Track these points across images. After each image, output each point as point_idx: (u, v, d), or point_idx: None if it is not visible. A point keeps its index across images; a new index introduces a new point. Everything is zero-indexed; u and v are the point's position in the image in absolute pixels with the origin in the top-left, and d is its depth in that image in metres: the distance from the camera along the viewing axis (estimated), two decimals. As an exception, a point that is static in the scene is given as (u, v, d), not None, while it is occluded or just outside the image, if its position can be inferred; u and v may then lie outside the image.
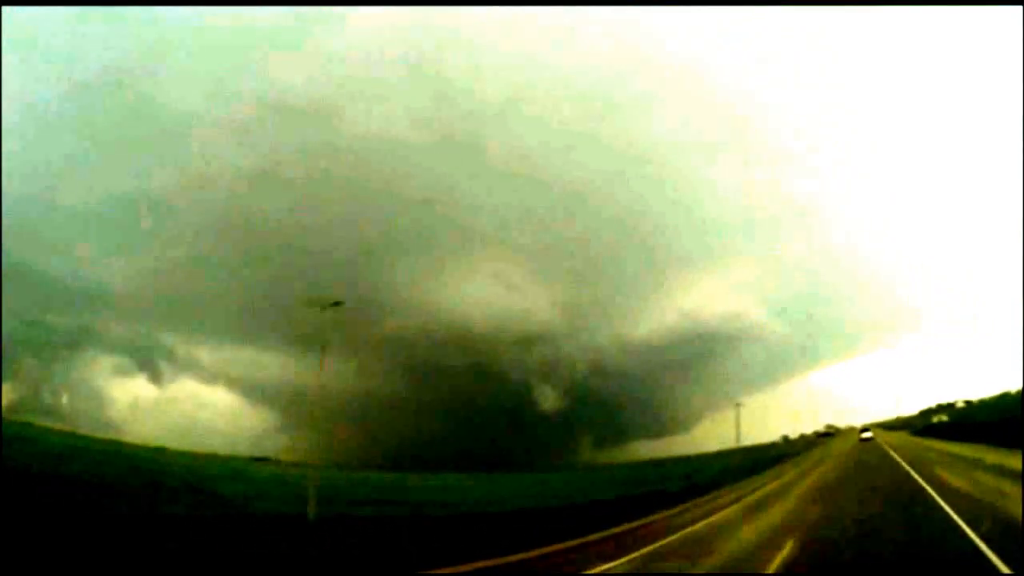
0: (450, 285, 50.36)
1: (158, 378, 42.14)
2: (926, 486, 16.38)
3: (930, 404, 74.94)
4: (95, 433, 31.48)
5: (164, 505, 15.90)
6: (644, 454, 52.94)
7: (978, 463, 23.05)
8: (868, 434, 60.91)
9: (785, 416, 63.71)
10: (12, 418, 27.38)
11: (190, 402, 43.01)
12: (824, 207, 64.38)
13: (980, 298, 65.83)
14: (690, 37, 54.30)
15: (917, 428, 66.05)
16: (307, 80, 45.51)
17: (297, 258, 46.00)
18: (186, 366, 43.46)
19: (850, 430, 73.11)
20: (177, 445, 34.68)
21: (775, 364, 58.45)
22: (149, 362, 42.09)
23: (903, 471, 22.32)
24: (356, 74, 47.23)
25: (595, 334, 53.80)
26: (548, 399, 48.84)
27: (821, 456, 42.45)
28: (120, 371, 41.41)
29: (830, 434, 75.07)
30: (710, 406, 54.09)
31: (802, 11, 52.98)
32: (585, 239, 54.06)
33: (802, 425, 70.11)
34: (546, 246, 54.13)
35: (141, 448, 29.69)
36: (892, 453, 34.54)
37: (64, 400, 38.04)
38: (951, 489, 15.41)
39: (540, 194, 52.21)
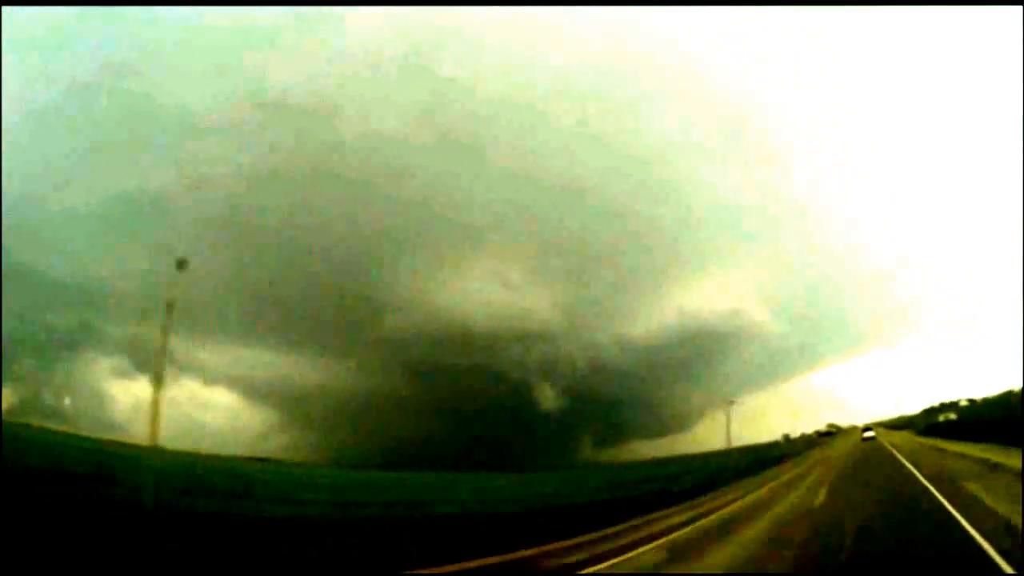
0: (449, 284, 50.44)
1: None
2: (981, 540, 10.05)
3: (932, 403, 74.71)
4: (94, 434, 31.51)
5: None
6: (645, 453, 52.83)
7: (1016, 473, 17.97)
8: (870, 433, 60.89)
9: (787, 415, 63.58)
10: (11, 419, 27.39)
11: (191, 403, 42.98)
12: (825, 206, 64.11)
13: (981, 297, 65.57)
14: (690, 37, 54.20)
15: (921, 427, 65.76)
16: (306, 79, 45.58)
17: (297, 258, 46.13)
18: (186, 366, 43.39)
19: (852, 429, 73.02)
20: (179, 446, 34.74)
21: (776, 363, 58.26)
22: (149, 363, 41.99)
23: (923, 492, 17.44)
24: (355, 73, 47.28)
25: (595, 333, 53.75)
26: (547, 398, 48.83)
27: (812, 465, 37.63)
28: (120, 372, 41.34)
29: (832, 433, 74.96)
30: (711, 405, 53.85)
31: (802, 11, 52.93)
32: (584, 238, 54.03)
33: (804, 424, 69.95)
34: (545, 245, 54.08)
35: (134, 447, 29.65)
36: (902, 460, 29.81)
37: (65, 401, 38.05)
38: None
39: (539, 193, 52.16)
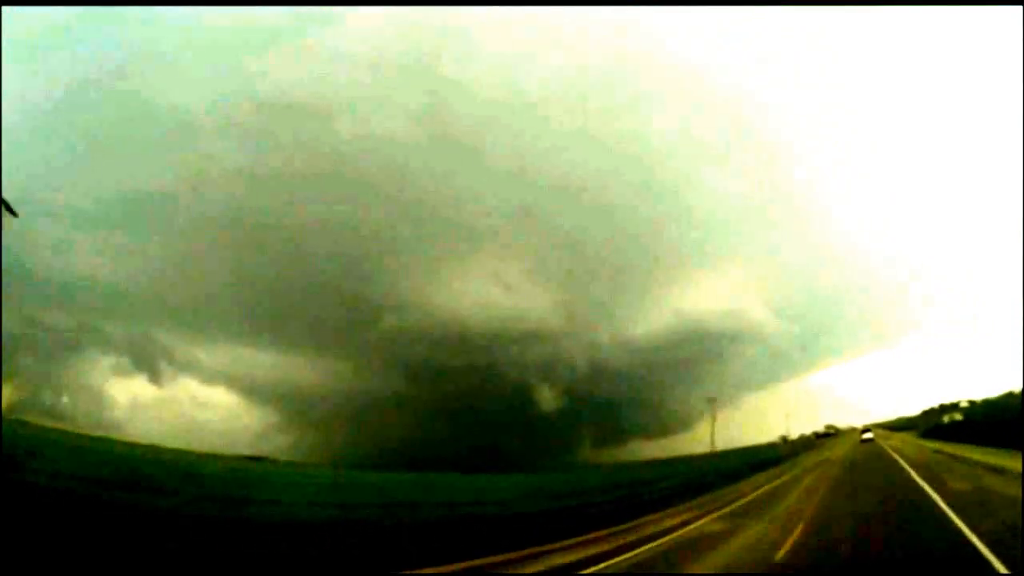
0: (448, 284, 50.50)
1: (157, 378, 42.24)
2: None
3: (931, 404, 74.45)
4: (93, 432, 31.68)
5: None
6: (645, 454, 52.82)
7: None
8: (869, 435, 60.84)
9: (786, 416, 63.54)
10: (11, 417, 27.47)
11: (189, 401, 43.11)
12: (825, 207, 64.11)
13: (981, 298, 65.41)
14: (690, 37, 54.24)
15: (922, 429, 64.70)
16: (306, 80, 45.68)
17: (296, 258, 46.25)
18: (185, 366, 43.57)
19: (851, 430, 72.94)
20: (177, 444, 34.92)
21: (775, 363, 58.28)
22: (148, 362, 42.21)
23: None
24: (355, 73, 47.36)
25: (594, 333, 53.78)
26: (546, 398, 48.87)
27: (800, 474, 31.76)
28: (119, 371, 41.52)
29: (830, 434, 74.88)
30: (711, 405, 53.91)
31: (802, 11, 52.93)
32: (584, 238, 54.10)
33: (802, 425, 69.92)
34: (544, 245, 54.15)
35: (134, 446, 29.90)
36: (908, 470, 23.73)
37: (64, 400, 38.19)
38: None
39: (538, 193, 52.21)
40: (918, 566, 9.61)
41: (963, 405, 66.78)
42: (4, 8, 28.77)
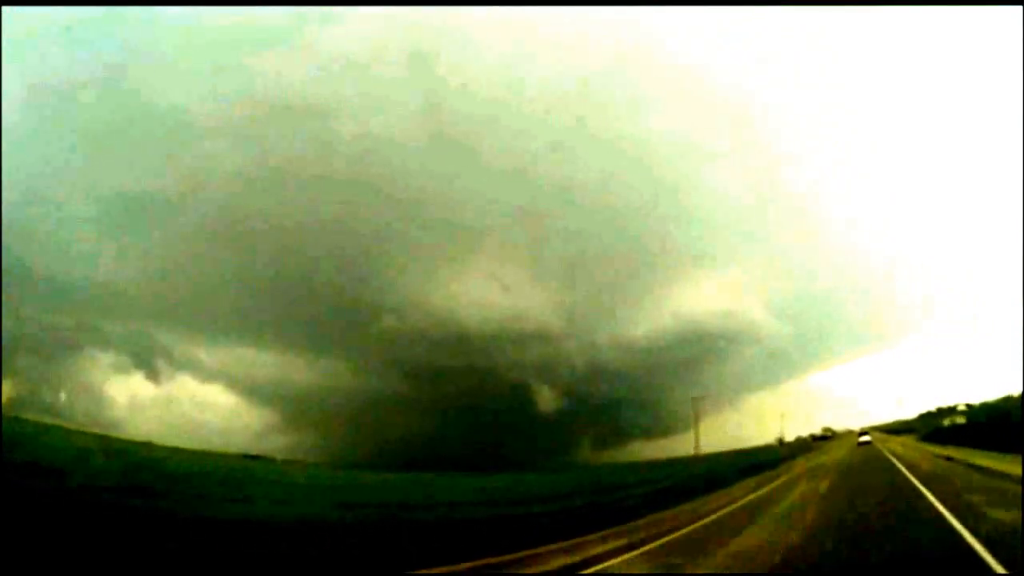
0: (447, 285, 50.52)
1: (156, 376, 42.34)
2: None
3: (929, 407, 74.32)
4: (90, 430, 31.81)
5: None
6: (645, 455, 52.78)
7: None
8: (866, 438, 60.93)
9: (780, 417, 63.50)
10: (9, 415, 27.58)
11: (188, 400, 43.20)
12: (824, 207, 64.05)
13: (980, 300, 65.30)
14: (689, 37, 54.18)
15: (922, 432, 63.64)
16: (305, 80, 45.70)
17: (295, 258, 46.29)
18: (184, 364, 43.66)
19: (848, 433, 72.87)
20: (174, 443, 35.05)
21: (774, 364, 58.19)
22: (147, 360, 42.31)
23: None
24: (353, 73, 47.40)
25: (593, 334, 53.76)
26: (545, 399, 48.90)
27: (791, 482, 28.17)
28: (118, 369, 41.61)
29: (827, 437, 74.79)
30: (711, 406, 53.94)
31: (802, 11, 52.87)
32: (583, 238, 54.06)
33: (799, 427, 69.83)
34: (542, 246, 54.14)
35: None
36: (919, 486, 19.04)
37: (62, 398, 38.27)
38: None
39: (537, 193, 52.23)
40: None
41: (961, 409, 66.65)
42: (4, 8, 28.90)
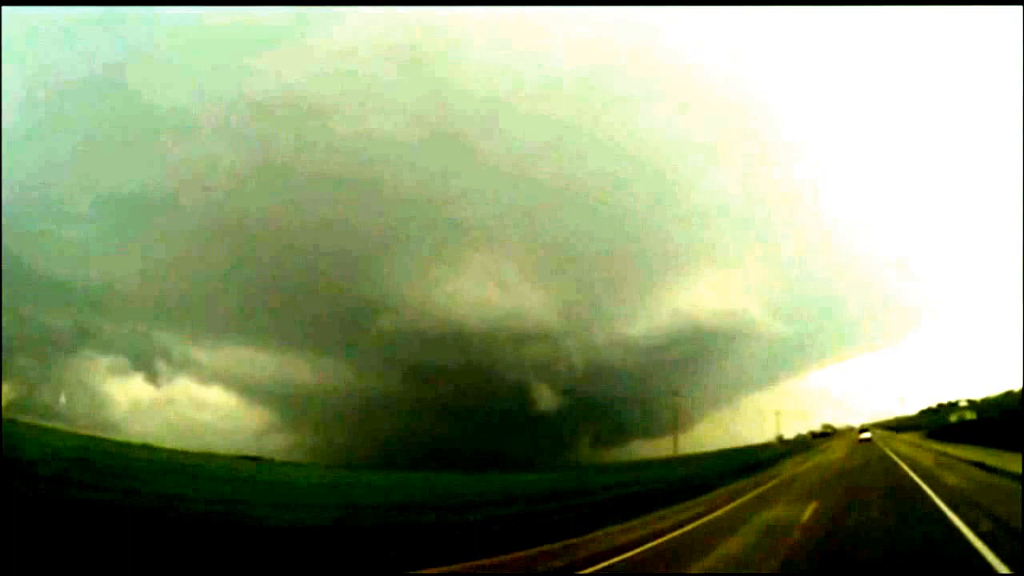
0: (444, 284, 50.58)
1: (155, 378, 42.40)
2: None
3: (930, 404, 74.46)
4: (89, 432, 31.74)
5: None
6: (644, 454, 52.92)
7: None
8: (866, 435, 60.99)
9: (783, 415, 63.58)
10: (8, 416, 27.52)
11: (187, 402, 43.26)
12: (824, 206, 64.23)
13: (980, 297, 65.52)
14: (689, 36, 54.44)
15: (926, 429, 57.62)
16: (304, 80, 45.74)
17: (293, 257, 46.33)
18: (183, 366, 43.78)
19: (848, 430, 73.02)
20: (174, 444, 34.97)
21: (774, 363, 58.47)
22: (147, 362, 42.37)
23: None
24: (352, 73, 47.42)
25: (592, 333, 53.92)
26: (545, 398, 48.97)
27: (783, 485, 19.89)
28: (118, 371, 41.71)
29: (827, 434, 75.01)
30: (710, 405, 54.10)
31: (802, 11, 53.01)
32: (581, 238, 54.21)
33: (800, 425, 70.10)
34: (541, 245, 54.27)
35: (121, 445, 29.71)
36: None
37: (62, 400, 38.31)
38: None
39: (535, 192, 52.33)
40: None
41: (962, 404, 66.21)
42: (4, 8, 28.89)
